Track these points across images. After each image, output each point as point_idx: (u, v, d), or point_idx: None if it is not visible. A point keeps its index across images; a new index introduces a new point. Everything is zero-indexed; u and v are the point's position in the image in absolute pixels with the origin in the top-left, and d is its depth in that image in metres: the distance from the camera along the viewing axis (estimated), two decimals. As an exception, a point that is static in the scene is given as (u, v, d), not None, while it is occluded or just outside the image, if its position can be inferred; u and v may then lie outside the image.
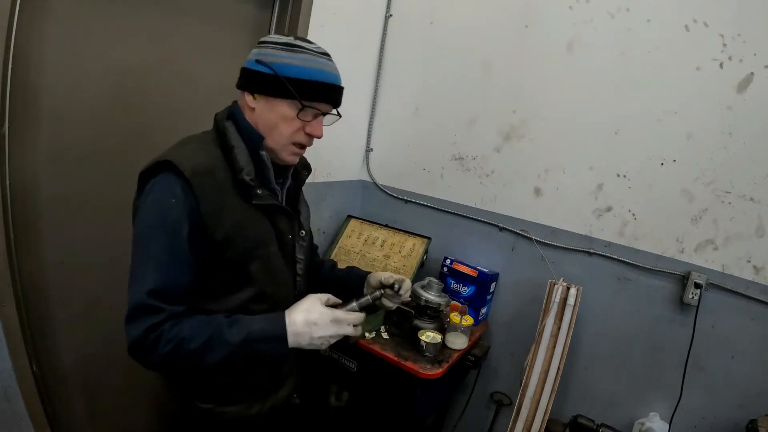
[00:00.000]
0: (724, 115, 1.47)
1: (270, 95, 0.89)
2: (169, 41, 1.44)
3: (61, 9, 1.18)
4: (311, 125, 0.92)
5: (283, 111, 0.89)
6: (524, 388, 1.70)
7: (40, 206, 1.25)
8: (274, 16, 1.74)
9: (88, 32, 1.24)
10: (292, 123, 0.90)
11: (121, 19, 1.31)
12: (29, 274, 1.24)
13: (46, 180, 1.24)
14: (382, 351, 1.55)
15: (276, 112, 0.89)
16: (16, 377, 1.15)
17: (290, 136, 0.91)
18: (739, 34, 1.43)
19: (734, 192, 1.48)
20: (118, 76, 1.33)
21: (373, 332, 1.66)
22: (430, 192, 2.09)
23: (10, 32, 1.06)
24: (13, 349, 1.14)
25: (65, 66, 1.21)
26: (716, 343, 1.53)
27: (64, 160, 1.27)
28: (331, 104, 0.94)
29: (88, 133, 1.30)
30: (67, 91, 1.23)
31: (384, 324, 1.72)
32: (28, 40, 1.12)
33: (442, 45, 2.00)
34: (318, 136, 0.94)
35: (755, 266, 1.46)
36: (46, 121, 1.21)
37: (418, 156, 2.10)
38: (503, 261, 1.91)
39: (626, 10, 1.61)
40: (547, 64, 1.76)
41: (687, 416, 1.57)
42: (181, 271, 0.81)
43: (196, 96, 1.55)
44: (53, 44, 1.18)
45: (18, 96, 1.13)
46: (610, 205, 1.69)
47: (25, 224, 1.21)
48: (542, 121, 1.79)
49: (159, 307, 0.78)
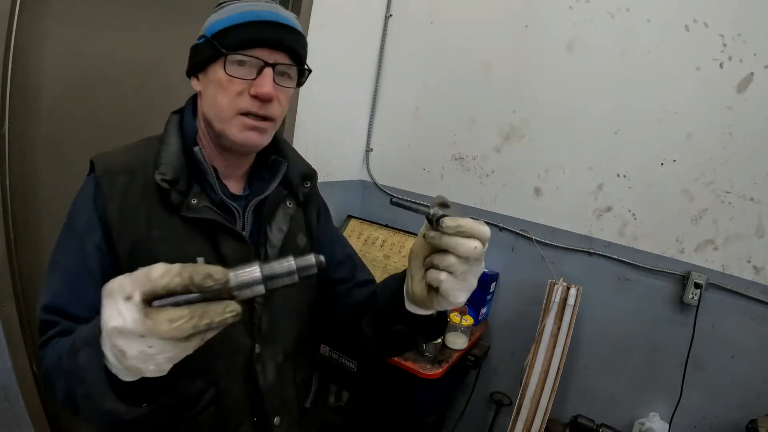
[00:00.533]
0: (724, 115, 1.47)
1: (205, 66, 0.72)
2: (169, 41, 1.44)
3: (61, 9, 1.18)
4: (255, 83, 0.68)
5: (218, 77, 0.69)
6: (524, 388, 1.70)
7: (40, 206, 1.25)
8: (274, 16, 1.74)
9: (88, 32, 1.24)
10: (229, 86, 0.68)
11: (121, 19, 1.31)
12: (29, 274, 1.24)
13: (46, 180, 1.24)
14: (382, 351, 1.55)
15: (213, 82, 0.70)
16: (16, 377, 1.15)
17: (231, 104, 0.69)
18: (739, 34, 1.44)
19: (734, 192, 1.48)
20: (118, 76, 1.33)
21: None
22: (430, 192, 2.09)
23: (10, 32, 1.06)
24: (13, 349, 1.14)
25: (65, 66, 1.21)
26: (716, 343, 1.53)
27: (64, 160, 1.27)
28: (267, 47, 0.68)
29: (88, 133, 1.30)
30: (67, 91, 1.23)
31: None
32: (28, 40, 1.12)
33: (442, 45, 2.00)
34: (263, 95, 0.68)
35: (755, 266, 1.46)
36: (46, 121, 1.21)
37: (418, 156, 2.10)
38: (503, 261, 1.91)
39: (626, 10, 1.61)
40: (547, 64, 1.76)
41: (687, 416, 1.57)
42: (87, 284, 0.65)
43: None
44: (53, 44, 1.18)
45: (18, 96, 1.13)
46: (610, 205, 1.69)
47: (25, 224, 1.21)
48: (542, 121, 1.79)
49: (53, 322, 0.64)
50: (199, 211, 0.69)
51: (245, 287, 0.44)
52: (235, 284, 0.43)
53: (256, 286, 0.44)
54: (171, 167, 0.69)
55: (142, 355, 0.41)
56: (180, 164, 0.71)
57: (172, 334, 0.40)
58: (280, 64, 0.70)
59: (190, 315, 0.40)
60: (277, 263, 0.46)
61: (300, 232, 0.83)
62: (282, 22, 0.70)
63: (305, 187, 0.84)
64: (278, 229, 0.78)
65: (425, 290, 0.60)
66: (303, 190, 0.83)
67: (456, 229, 0.55)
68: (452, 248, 0.55)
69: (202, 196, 0.71)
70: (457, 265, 0.56)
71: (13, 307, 1.14)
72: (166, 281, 0.40)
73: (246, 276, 0.44)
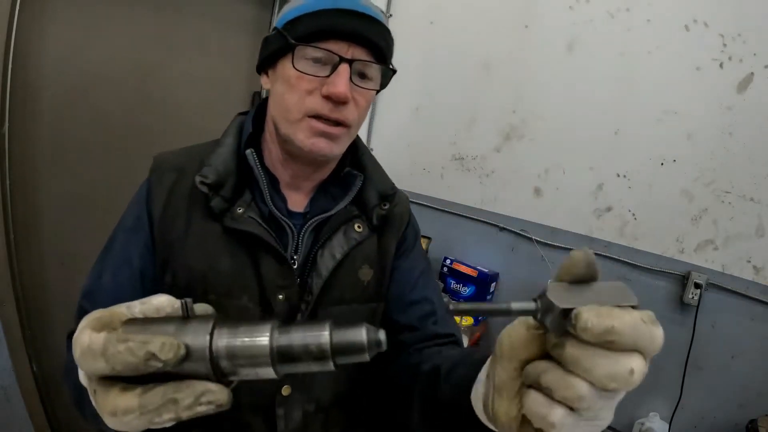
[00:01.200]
0: (724, 115, 1.47)
1: (274, 61, 0.63)
2: (169, 41, 1.44)
3: (61, 9, 1.18)
4: (328, 81, 0.58)
5: (286, 73, 0.60)
6: (524, 388, 1.70)
7: (40, 206, 1.25)
8: (274, 16, 1.74)
9: (88, 32, 1.24)
10: (297, 84, 0.59)
11: (121, 19, 1.31)
12: (29, 274, 1.24)
13: (46, 180, 1.24)
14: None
15: (281, 79, 0.62)
16: (16, 377, 1.15)
17: (299, 104, 0.59)
18: (739, 34, 1.43)
19: (734, 192, 1.48)
20: (118, 76, 1.33)
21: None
22: (430, 192, 2.09)
23: (10, 32, 1.06)
24: (13, 349, 1.14)
25: (65, 66, 1.21)
26: (716, 343, 1.53)
27: (64, 160, 1.27)
28: (345, 40, 0.58)
29: (88, 133, 1.30)
30: (67, 91, 1.23)
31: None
32: (28, 40, 1.12)
33: (442, 45, 2.00)
34: (337, 95, 0.58)
35: (755, 266, 1.46)
36: (46, 121, 1.21)
37: (418, 156, 2.10)
38: (503, 261, 1.91)
39: (626, 10, 1.61)
40: (547, 64, 1.76)
41: (687, 416, 1.57)
42: (127, 280, 0.61)
43: (196, 96, 1.55)
44: (53, 44, 1.18)
45: (18, 96, 1.13)
46: (610, 205, 1.69)
47: (25, 224, 1.21)
48: (542, 121, 1.79)
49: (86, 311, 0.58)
50: (242, 222, 0.61)
51: (240, 363, 0.29)
52: (224, 354, 0.29)
53: (260, 366, 0.29)
54: (215, 170, 0.62)
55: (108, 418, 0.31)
56: (228, 168, 0.63)
57: (117, 427, 0.30)
58: (358, 60, 0.59)
59: (140, 407, 0.29)
60: (301, 331, 0.29)
61: (366, 263, 0.68)
62: (364, 12, 0.59)
63: (382, 209, 0.69)
64: (331, 255, 0.64)
65: (517, 416, 0.34)
66: (379, 212, 0.69)
67: (603, 337, 0.28)
68: (586, 370, 0.29)
69: (250, 206, 0.62)
70: (589, 399, 0.29)
71: (13, 307, 1.14)
72: (89, 366, 0.29)
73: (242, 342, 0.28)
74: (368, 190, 0.69)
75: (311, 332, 0.29)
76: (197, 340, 0.29)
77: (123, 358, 0.28)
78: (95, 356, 0.29)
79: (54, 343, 1.35)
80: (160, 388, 0.29)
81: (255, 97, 1.77)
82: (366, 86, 0.62)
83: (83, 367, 0.30)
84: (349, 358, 0.29)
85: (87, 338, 0.30)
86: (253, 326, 0.29)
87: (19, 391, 1.16)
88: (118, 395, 0.29)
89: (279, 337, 0.29)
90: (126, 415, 0.29)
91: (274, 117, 0.64)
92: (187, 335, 0.29)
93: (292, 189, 0.68)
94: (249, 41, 1.67)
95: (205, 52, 1.54)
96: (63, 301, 1.35)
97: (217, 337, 0.29)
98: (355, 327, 0.29)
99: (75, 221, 1.33)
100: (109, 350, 0.29)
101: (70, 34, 1.20)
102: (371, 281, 0.68)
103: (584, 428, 0.31)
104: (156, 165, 0.67)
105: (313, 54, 0.58)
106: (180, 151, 0.70)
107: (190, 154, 0.68)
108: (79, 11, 1.21)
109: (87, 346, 0.29)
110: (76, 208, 1.33)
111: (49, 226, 1.27)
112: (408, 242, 0.75)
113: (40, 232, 1.25)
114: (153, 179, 0.65)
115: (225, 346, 0.29)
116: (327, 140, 0.61)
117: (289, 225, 0.65)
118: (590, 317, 0.28)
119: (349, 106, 0.61)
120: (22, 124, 1.15)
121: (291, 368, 0.29)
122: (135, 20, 1.33)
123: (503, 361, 0.34)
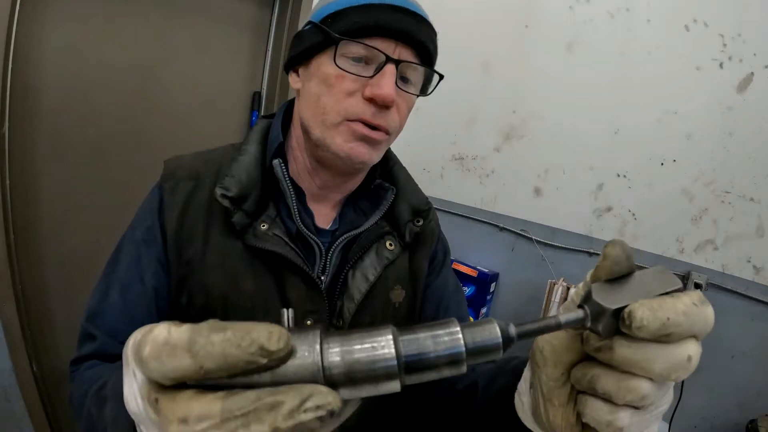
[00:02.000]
0: (724, 115, 1.47)
1: (309, 58, 0.57)
2: (169, 41, 1.44)
3: (61, 9, 1.18)
4: (371, 82, 0.53)
5: (323, 71, 0.55)
6: (524, 388, 1.70)
7: (40, 206, 1.25)
8: (274, 16, 1.74)
9: (88, 32, 1.24)
10: (338, 84, 0.54)
11: (121, 19, 1.31)
12: (29, 274, 1.24)
13: (46, 180, 1.24)
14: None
15: (316, 78, 0.56)
16: (16, 377, 1.15)
17: (338, 106, 0.54)
18: (739, 34, 1.43)
19: (734, 192, 1.48)
20: (118, 76, 1.33)
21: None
22: (430, 192, 2.08)
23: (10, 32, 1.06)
24: (13, 349, 1.14)
25: (65, 66, 1.21)
26: (716, 343, 1.53)
27: (64, 160, 1.27)
28: (392, 38, 0.53)
29: (88, 133, 1.30)
30: (67, 91, 1.23)
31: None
32: (28, 40, 1.12)
33: (442, 45, 1.99)
34: (383, 97, 0.52)
35: (755, 266, 1.46)
36: (46, 121, 1.21)
37: (418, 156, 2.10)
38: (503, 261, 1.91)
39: (626, 10, 1.61)
40: (547, 64, 1.76)
41: (687, 416, 1.57)
42: (138, 299, 0.56)
43: (196, 96, 1.55)
44: (53, 44, 1.18)
45: (18, 96, 1.13)
46: (610, 205, 1.69)
47: (25, 224, 1.21)
48: (542, 121, 1.79)
49: (92, 335, 0.55)
50: (266, 240, 0.55)
51: (358, 380, 0.23)
52: (341, 369, 0.23)
53: (387, 382, 0.23)
54: (238, 181, 0.56)
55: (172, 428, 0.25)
56: (252, 179, 0.57)
57: None
58: (405, 61, 0.54)
59: (222, 413, 0.21)
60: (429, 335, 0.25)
61: (398, 283, 0.63)
62: (414, 10, 0.55)
63: (416, 225, 0.64)
64: (363, 277, 0.59)
65: (578, 422, 0.32)
66: (412, 229, 0.63)
67: (660, 332, 0.27)
68: (644, 368, 0.28)
69: (275, 222, 0.57)
70: (652, 395, 0.29)
71: (13, 307, 1.14)
72: (163, 366, 0.22)
73: (362, 356, 0.23)
74: (400, 205, 0.64)
75: (441, 336, 0.25)
76: (306, 350, 0.23)
77: (220, 350, 0.21)
78: (176, 352, 0.22)
79: (54, 343, 1.35)
80: (251, 391, 0.22)
81: (255, 97, 1.77)
82: (410, 90, 0.58)
83: (152, 368, 0.22)
84: (484, 357, 0.26)
85: (165, 331, 0.23)
86: (368, 333, 0.24)
87: (19, 391, 1.16)
88: (193, 398, 0.22)
89: (407, 346, 0.24)
90: (200, 422, 0.22)
91: (305, 120, 0.57)
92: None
93: (319, 201, 0.63)
94: (249, 41, 1.67)
95: (205, 52, 1.54)
96: (63, 301, 1.35)
97: (327, 347, 0.23)
98: (485, 323, 0.26)
99: (75, 221, 1.33)
100: (198, 342, 0.22)
101: (70, 34, 1.20)
102: (403, 303, 0.63)
103: (650, 419, 0.31)
104: (169, 172, 0.60)
105: (357, 51, 0.53)
106: (193, 157, 0.63)
107: (205, 161, 0.62)
108: (79, 11, 1.21)
109: (165, 340, 0.22)
110: (76, 208, 1.33)
111: (49, 226, 1.27)
112: (438, 258, 0.70)
113: (40, 232, 1.25)
114: (165, 187, 0.59)
115: (340, 357, 0.23)
116: (367, 146, 0.55)
117: (318, 243, 0.59)
118: (644, 314, 0.26)
119: (392, 111, 0.56)
120: (22, 124, 1.15)
121: (418, 378, 0.25)
122: (135, 20, 1.34)
123: (547, 369, 0.32)
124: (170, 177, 0.60)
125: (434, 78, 0.62)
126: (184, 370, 0.22)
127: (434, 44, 0.59)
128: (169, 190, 0.59)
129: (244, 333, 0.22)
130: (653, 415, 0.30)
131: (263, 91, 1.78)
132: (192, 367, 0.22)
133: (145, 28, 1.36)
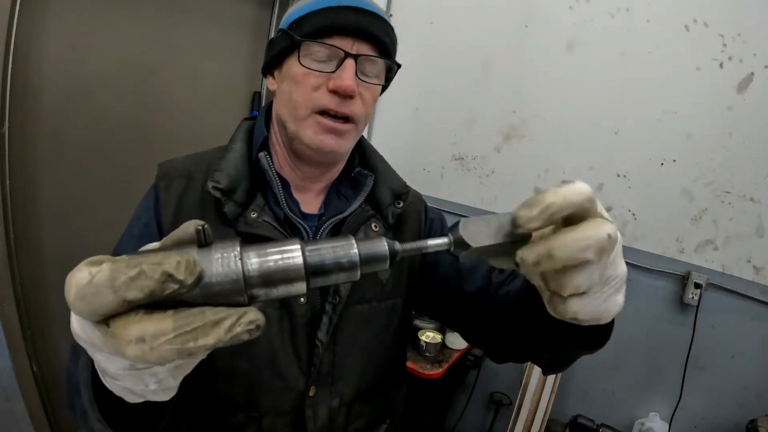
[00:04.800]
0: (724, 115, 1.47)
1: (280, 61, 0.64)
2: (170, 41, 1.44)
3: (61, 9, 1.18)
4: (333, 75, 0.59)
5: (293, 71, 0.61)
6: (524, 388, 1.70)
7: (40, 206, 1.25)
8: (274, 16, 1.74)
9: (88, 32, 1.24)
10: (304, 81, 0.60)
11: (121, 19, 1.31)
12: (29, 274, 1.24)
13: (46, 180, 1.24)
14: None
15: (287, 78, 0.63)
16: (16, 377, 1.15)
17: (306, 100, 0.60)
18: (739, 34, 1.43)
19: (734, 192, 1.48)
20: (118, 76, 1.33)
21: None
22: (430, 192, 2.08)
23: (10, 32, 1.06)
24: (13, 349, 1.14)
25: (65, 66, 1.21)
26: (716, 343, 1.53)
27: (64, 160, 1.27)
28: (349, 35, 0.60)
29: (88, 133, 1.30)
30: (67, 91, 1.23)
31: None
32: (28, 40, 1.12)
33: (442, 45, 2.00)
34: (343, 88, 0.58)
35: (755, 266, 1.46)
36: (46, 121, 1.21)
37: (418, 156, 2.10)
38: (503, 261, 1.91)
39: (626, 10, 1.61)
40: (547, 64, 1.76)
41: (687, 416, 1.57)
42: None
43: (196, 96, 1.55)
44: (53, 44, 1.18)
45: (18, 96, 1.13)
46: (609, 205, 1.69)
47: (25, 224, 1.21)
48: (542, 121, 1.79)
49: None
50: (256, 227, 0.60)
51: (273, 283, 0.28)
52: (257, 275, 0.27)
53: (294, 282, 0.28)
54: (227, 175, 0.61)
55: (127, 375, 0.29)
56: (240, 172, 0.63)
57: (144, 358, 0.25)
58: (363, 55, 0.60)
59: (175, 329, 0.25)
60: (330, 245, 0.30)
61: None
62: (367, 9, 0.61)
63: (397, 207, 0.70)
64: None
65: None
66: (394, 211, 0.69)
67: (545, 214, 0.31)
68: (555, 257, 0.31)
69: (264, 210, 0.62)
70: (584, 282, 0.34)
71: (13, 307, 1.14)
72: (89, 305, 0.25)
73: (276, 263, 0.28)
74: (381, 190, 0.70)
75: (341, 248, 0.30)
76: (226, 263, 0.27)
77: (137, 283, 0.24)
78: (99, 290, 0.24)
79: (54, 343, 1.35)
80: (197, 309, 0.26)
81: (255, 97, 1.77)
82: (371, 81, 0.63)
83: (81, 308, 0.25)
84: (373, 267, 0.31)
85: (86, 273, 0.25)
86: (280, 245, 0.29)
87: (19, 391, 1.16)
88: (143, 319, 0.25)
89: (311, 255, 0.29)
90: (156, 339, 0.25)
91: (281, 116, 0.65)
92: (213, 260, 0.27)
93: (303, 192, 0.69)
94: (249, 41, 1.67)
95: (205, 52, 1.54)
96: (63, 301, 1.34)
97: (247, 259, 0.27)
98: (376, 240, 0.31)
99: (75, 221, 1.33)
100: (119, 279, 0.24)
101: (70, 34, 1.20)
102: (389, 279, 0.69)
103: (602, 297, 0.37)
104: (162, 172, 0.66)
105: (319, 50, 0.59)
106: (185, 158, 0.69)
107: (196, 161, 0.68)
108: (79, 11, 1.21)
109: (87, 281, 0.24)
110: (76, 208, 1.33)
111: (49, 226, 1.27)
112: (436, 226, 0.77)
113: (40, 232, 1.25)
114: (160, 186, 0.64)
115: (257, 267, 0.27)
116: (334, 136, 0.62)
117: (305, 227, 0.65)
118: (522, 212, 0.32)
119: (356, 101, 0.62)
120: (22, 124, 1.15)
121: (321, 281, 0.30)
122: (135, 20, 1.34)
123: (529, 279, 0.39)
124: (164, 176, 0.65)
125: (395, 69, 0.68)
126: (109, 305, 0.25)
127: (390, 38, 0.65)
128: (163, 188, 0.64)
129: (156, 265, 0.25)
130: (605, 293, 0.37)
131: (263, 91, 1.78)
132: (117, 301, 0.25)
133: (145, 28, 1.36)
